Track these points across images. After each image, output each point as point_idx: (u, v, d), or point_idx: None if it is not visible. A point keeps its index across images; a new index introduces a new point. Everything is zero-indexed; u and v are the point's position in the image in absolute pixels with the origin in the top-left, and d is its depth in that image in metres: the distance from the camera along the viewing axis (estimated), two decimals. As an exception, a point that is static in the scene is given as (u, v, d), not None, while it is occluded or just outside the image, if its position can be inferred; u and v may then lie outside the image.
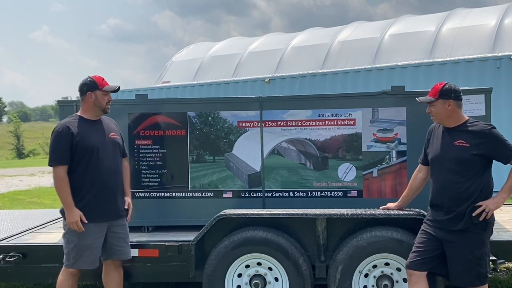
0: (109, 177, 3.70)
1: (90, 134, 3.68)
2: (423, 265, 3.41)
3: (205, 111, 4.56)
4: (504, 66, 9.10)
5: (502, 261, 3.94)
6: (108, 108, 3.76)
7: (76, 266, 3.68)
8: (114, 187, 3.75)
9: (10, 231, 4.84)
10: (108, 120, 3.91)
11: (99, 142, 3.69)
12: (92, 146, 3.65)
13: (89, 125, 3.73)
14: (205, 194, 4.56)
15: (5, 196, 12.60)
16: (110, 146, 3.76)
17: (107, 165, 3.70)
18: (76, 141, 3.62)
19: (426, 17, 12.62)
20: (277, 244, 3.91)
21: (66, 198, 3.59)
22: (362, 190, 4.43)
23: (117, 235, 3.79)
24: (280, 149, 4.51)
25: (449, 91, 3.36)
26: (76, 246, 3.65)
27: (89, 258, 3.67)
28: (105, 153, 3.70)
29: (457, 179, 3.29)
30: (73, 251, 3.67)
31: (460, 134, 3.34)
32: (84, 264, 3.68)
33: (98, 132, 3.74)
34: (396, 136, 4.37)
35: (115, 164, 3.77)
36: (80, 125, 3.68)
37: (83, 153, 3.63)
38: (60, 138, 3.63)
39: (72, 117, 3.77)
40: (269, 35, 15.41)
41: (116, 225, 3.79)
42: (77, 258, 3.66)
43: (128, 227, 3.92)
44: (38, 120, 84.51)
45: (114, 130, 3.86)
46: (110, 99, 3.76)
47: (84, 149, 3.63)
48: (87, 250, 3.66)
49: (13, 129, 39.37)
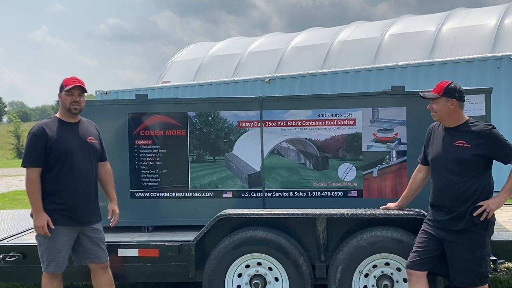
0: (82, 182, 3.62)
1: (65, 137, 3.60)
2: (423, 265, 3.41)
3: (205, 111, 4.56)
4: (504, 66, 9.10)
5: (502, 261, 3.94)
6: (74, 109, 3.62)
7: (49, 270, 3.62)
8: (87, 193, 3.66)
9: (10, 231, 4.83)
10: (88, 123, 3.83)
11: (74, 146, 3.61)
12: (66, 150, 3.57)
13: (66, 127, 3.65)
14: (205, 194, 4.56)
15: (5, 196, 12.59)
16: (86, 151, 3.68)
17: (81, 170, 3.62)
18: (51, 144, 3.54)
19: (426, 17, 12.63)
20: (277, 244, 3.91)
21: (35, 201, 3.52)
22: (362, 190, 4.43)
23: (90, 239, 3.72)
24: (280, 149, 4.51)
25: (454, 90, 3.36)
26: (48, 248, 3.60)
27: (59, 262, 3.61)
28: (79, 158, 3.62)
29: (458, 179, 3.29)
30: (45, 253, 3.62)
31: (461, 135, 3.33)
32: (55, 268, 3.61)
33: (75, 135, 3.66)
34: (396, 136, 4.37)
35: (89, 170, 3.68)
36: (56, 127, 3.61)
37: (57, 157, 3.56)
38: (35, 140, 3.56)
39: (50, 119, 3.71)
40: (269, 35, 15.42)
41: (89, 230, 3.71)
42: (49, 261, 3.61)
43: (102, 231, 3.82)
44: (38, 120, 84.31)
45: (92, 134, 3.77)
46: (75, 99, 3.61)
47: (58, 153, 3.56)
48: (58, 253, 3.60)
49: (13, 129, 39.38)
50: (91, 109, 4.18)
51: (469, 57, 9.69)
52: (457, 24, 11.10)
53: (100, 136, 3.89)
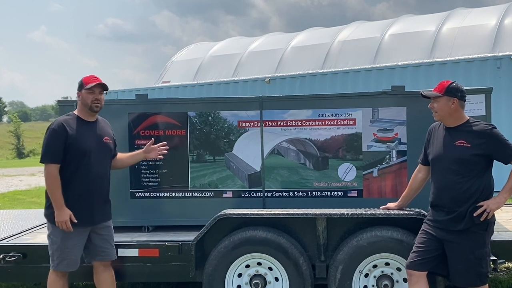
0: (96, 183, 3.66)
1: (84, 136, 3.63)
2: (423, 265, 3.41)
3: (205, 111, 4.56)
4: (504, 66, 9.11)
5: (502, 261, 3.94)
6: (95, 107, 3.66)
7: (59, 268, 3.65)
8: (100, 193, 3.70)
9: (10, 231, 4.83)
10: (104, 122, 3.86)
11: (92, 146, 3.64)
12: (84, 150, 3.60)
13: (85, 126, 3.68)
14: (205, 194, 4.56)
15: (5, 196, 12.59)
16: (102, 151, 3.71)
17: (96, 171, 3.65)
18: (70, 141, 3.57)
19: (426, 17, 12.63)
20: (277, 244, 3.91)
21: (58, 197, 3.54)
22: (362, 190, 4.42)
23: (101, 237, 3.75)
24: (280, 149, 4.50)
25: (455, 89, 3.36)
26: (59, 247, 3.62)
27: (71, 260, 3.64)
28: (96, 159, 3.65)
29: (458, 179, 3.29)
30: (57, 252, 3.64)
31: (461, 134, 3.33)
32: (66, 266, 3.64)
33: (92, 135, 3.69)
34: (396, 136, 4.37)
35: (104, 170, 3.72)
36: (76, 126, 3.64)
37: (74, 156, 3.58)
38: (55, 136, 3.58)
39: (69, 116, 3.72)
40: (269, 35, 15.42)
41: (100, 227, 3.74)
42: (60, 259, 3.64)
43: (112, 229, 3.86)
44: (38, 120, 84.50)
45: (108, 134, 3.80)
46: (96, 97, 3.65)
47: (76, 151, 3.58)
48: (70, 252, 3.62)
49: (13, 129, 39.35)
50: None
51: (469, 57, 9.70)
52: (457, 24, 11.11)
53: (113, 134, 3.93)
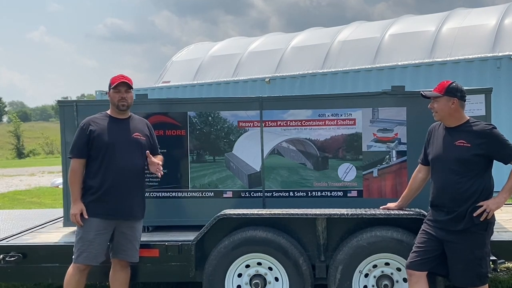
0: (122, 176, 3.70)
1: (109, 131, 3.73)
2: (423, 265, 3.41)
3: (205, 111, 4.56)
4: (504, 66, 9.11)
5: (502, 261, 3.93)
6: (122, 105, 3.77)
7: (78, 260, 3.69)
8: (126, 187, 3.73)
9: (10, 231, 4.83)
10: (140, 120, 3.96)
11: (117, 140, 3.72)
12: (107, 143, 3.69)
13: (114, 123, 3.79)
14: (205, 194, 4.56)
15: (5, 196, 12.59)
16: (131, 146, 3.77)
17: (122, 164, 3.70)
18: (93, 136, 3.69)
19: (426, 17, 12.64)
20: (277, 244, 3.91)
21: (74, 190, 3.70)
22: (362, 190, 4.43)
23: (124, 236, 3.79)
24: (280, 149, 4.50)
25: (455, 89, 3.36)
26: (81, 239, 3.69)
27: (91, 254, 3.67)
28: (122, 152, 3.72)
29: (458, 179, 3.29)
30: (78, 244, 3.70)
31: (461, 134, 3.33)
32: (85, 259, 3.67)
33: (120, 130, 3.78)
34: (396, 136, 4.37)
35: (131, 164, 3.75)
36: (103, 122, 3.77)
37: (98, 149, 3.69)
38: (80, 133, 3.74)
39: (100, 114, 3.87)
40: (269, 35, 15.42)
41: (125, 226, 3.78)
42: (80, 252, 3.68)
43: (140, 231, 3.90)
44: (38, 120, 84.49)
45: (140, 130, 3.86)
46: (122, 95, 3.76)
47: (100, 145, 3.69)
48: (90, 245, 3.66)
49: (13, 129, 39.40)
50: (91, 109, 4.19)
51: (469, 57, 9.70)
52: (457, 24, 11.11)
53: (152, 133, 3.99)
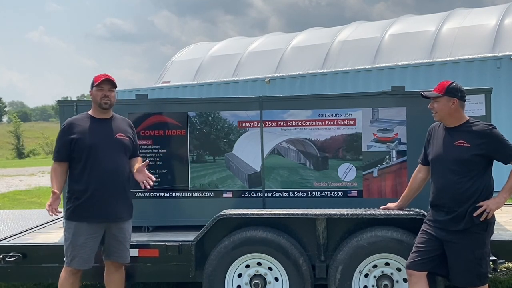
0: (107, 178, 3.64)
1: (91, 132, 3.65)
2: (423, 265, 3.41)
3: (205, 111, 4.56)
4: (504, 66, 9.11)
5: (502, 261, 3.94)
6: (105, 103, 3.68)
7: (72, 265, 3.66)
8: (111, 189, 3.66)
9: (10, 231, 4.83)
10: (122, 120, 3.88)
11: (99, 141, 3.65)
12: (90, 145, 3.61)
13: (96, 123, 3.71)
14: (205, 194, 4.56)
15: (5, 196, 12.58)
16: (114, 147, 3.70)
17: (106, 165, 3.64)
18: (76, 139, 3.62)
19: (426, 17, 12.63)
20: (277, 244, 3.91)
21: (52, 184, 3.63)
22: (362, 190, 4.42)
23: (114, 238, 3.75)
24: (280, 149, 4.50)
25: (455, 89, 3.36)
26: (71, 244, 3.65)
27: (82, 258, 3.64)
28: (105, 153, 3.65)
29: (458, 179, 3.29)
30: (69, 249, 3.66)
31: (461, 134, 3.33)
32: (78, 264, 3.65)
33: (103, 131, 3.70)
34: (396, 136, 4.37)
35: (115, 165, 3.68)
36: (84, 123, 3.69)
37: (81, 151, 3.62)
38: (61, 135, 3.69)
39: (81, 115, 3.80)
40: (269, 35, 15.42)
41: (115, 228, 3.73)
42: (72, 256, 3.65)
43: (130, 231, 3.85)
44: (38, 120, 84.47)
45: (122, 131, 3.78)
46: (105, 93, 3.67)
47: (82, 147, 3.62)
48: (81, 249, 3.63)
49: (13, 129, 39.35)
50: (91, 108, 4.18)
51: (469, 57, 9.70)
52: (457, 24, 11.11)
53: (134, 134, 3.93)
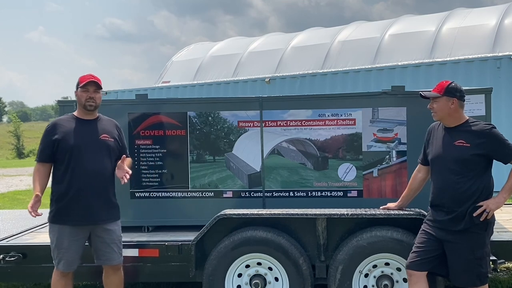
0: (91, 179, 3.57)
1: (75, 133, 3.60)
2: (423, 265, 3.41)
3: (205, 111, 4.56)
4: (504, 66, 9.10)
5: (502, 261, 3.94)
6: (90, 105, 3.63)
7: (59, 267, 3.63)
8: (94, 191, 3.59)
9: (10, 231, 4.83)
10: (108, 121, 3.81)
11: (83, 142, 3.59)
12: (72, 146, 3.56)
13: (80, 124, 3.66)
14: (205, 194, 4.56)
15: (5, 196, 12.58)
16: (98, 148, 3.63)
17: (89, 167, 3.57)
18: (59, 139, 3.58)
19: (426, 17, 12.63)
20: (277, 244, 3.91)
21: (34, 186, 3.59)
22: (362, 190, 4.43)
23: (101, 240, 3.66)
24: (280, 149, 4.51)
25: (455, 89, 3.37)
26: (56, 246, 3.62)
27: (67, 261, 3.60)
28: (89, 155, 3.58)
29: (458, 179, 3.29)
30: (55, 252, 3.63)
31: (461, 134, 3.33)
32: (64, 266, 3.61)
33: (87, 132, 3.64)
34: (396, 136, 4.37)
35: (98, 167, 3.60)
36: (69, 124, 3.64)
37: (64, 153, 3.57)
38: (45, 135, 3.66)
39: (66, 116, 3.75)
40: (269, 35, 15.42)
41: (100, 230, 3.65)
42: (59, 259, 3.62)
43: (118, 232, 3.74)
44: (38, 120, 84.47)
45: (108, 132, 3.71)
46: (90, 95, 3.62)
47: (66, 148, 3.57)
48: (66, 252, 3.59)
49: (13, 129, 39.34)
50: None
51: (469, 57, 9.69)
52: (457, 24, 11.11)
53: (121, 135, 3.85)
